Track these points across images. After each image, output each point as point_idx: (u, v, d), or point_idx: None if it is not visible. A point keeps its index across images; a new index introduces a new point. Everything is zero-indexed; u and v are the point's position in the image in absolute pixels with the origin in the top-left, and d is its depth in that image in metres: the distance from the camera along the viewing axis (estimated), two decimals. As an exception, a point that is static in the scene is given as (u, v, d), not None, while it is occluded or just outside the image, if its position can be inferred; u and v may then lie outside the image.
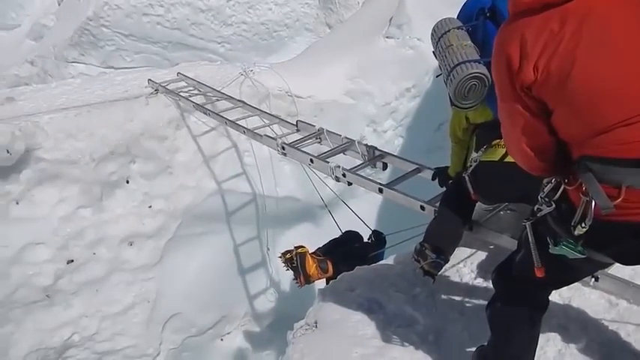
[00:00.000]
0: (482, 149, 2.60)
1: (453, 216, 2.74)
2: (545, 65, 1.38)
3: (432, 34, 2.64)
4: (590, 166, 1.40)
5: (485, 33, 2.51)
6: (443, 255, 2.66)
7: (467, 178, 2.58)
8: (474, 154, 2.66)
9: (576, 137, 1.46)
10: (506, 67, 1.46)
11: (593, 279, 2.41)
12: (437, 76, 2.67)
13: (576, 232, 1.48)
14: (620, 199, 1.38)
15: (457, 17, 2.67)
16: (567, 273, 1.78)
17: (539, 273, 1.66)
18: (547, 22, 1.38)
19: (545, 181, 1.62)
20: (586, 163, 1.41)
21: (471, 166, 2.61)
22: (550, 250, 1.58)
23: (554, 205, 1.58)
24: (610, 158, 1.38)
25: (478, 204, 2.80)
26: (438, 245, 2.67)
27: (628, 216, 1.42)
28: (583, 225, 1.46)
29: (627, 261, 1.65)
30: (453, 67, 2.41)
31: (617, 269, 2.40)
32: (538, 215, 1.64)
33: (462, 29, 2.54)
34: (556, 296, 2.47)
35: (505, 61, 1.46)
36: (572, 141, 1.48)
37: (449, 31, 2.53)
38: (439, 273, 2.73)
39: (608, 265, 1.76)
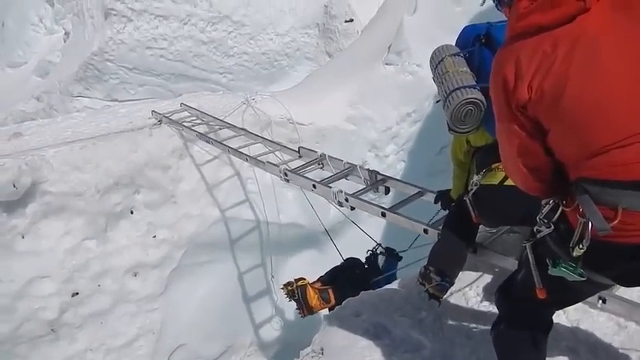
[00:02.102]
0: (482, 173, 2.61)
1: (457, 239, 2.73)
2: (539, 84, 1.41)
3: (430, 61, 2.70)
4: (587, 188, 1.41)
5: (481, 59, 2.57)
6: (448, 278, 2.64)
7: (468, 201, 2.59)
8: (474, 178, 2.67)
9: (572, 159, 1.48)
10: (502, 87, 1.49)
11: (600, 301, 2.37)
12: (436, 102, 2.72)
13: (574, 254, 1.48)
14: (616, 221, 1.38)
15: (455, 44, 2.73)
16: (568, 294, 1.77)
17: (540, 294, 1.66)
18: (540, 44, 1.41)
19: (543, 202, 1.63)
20: (583, 184, 1.42)
21: (471, 189, 2.63)
22: (549, 272, 1.58)
23: (552, 227, 1.58)
24: (605, 180, 1.39)
25: (482, 226, 2.80)
26: (442, 268, 2.65)
27: (625, 237, 1.42)
28: (581, 246, 1.46)
29: (626, 282, 1.64)
30: (449, 93, 2.46)
31: (625, 291, 2.38)
32: (537, 237, 1.64)
33: (459, 56, 2.60)
34: (564, 318, 2.44)
35: (501, 82, 1.49)
36: (568, 162, 1.50)
37: (445, 57, 2.59)
38: (445, 296, 2.72)
39: (609, 286, 1.74)
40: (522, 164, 1.59)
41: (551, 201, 1.60)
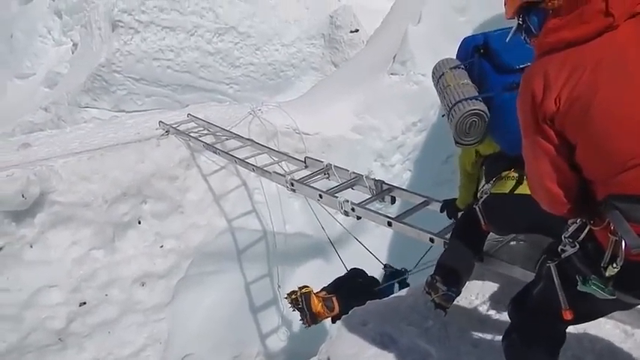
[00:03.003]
0: (492, 181, 2.62)
1: (464, 248, 2.72)
2: (568, 96, 1.42)
3: (432, 77, 2.74)
4: (617, 205, 1.38)
5: (480, 69, 2.60)
6: (454, 287, 2.63)
7: (478, 209, 2.59)
8: (485, 186, 2.68)
9: (600, 174, 1.45)
10: (530, 102, 1.50)
11: (606, 308, 2.38)
12: (442, 116, 2.74)
13: (607, 274, 1.45)
14: None
15: (456, 56, 2.78)
16: (590, 312, 1.75)
17: (567, 316, 1.61)
18: (568, 57, 1.43)
19: (570, 221, 1.59)
20: (612, 202, 1.39)
21: (481, 197, 2.62)
22: (578, 288, 1.54)
23: (578, 246, 1.55)
24: (636, 196, 1.37)
25: (489, 235, 2.80)
26: (448, 278, 2.64)
27: None
28: (614, 265, 1.42)
29: None
30: (452, 107, 2.50)
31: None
32: (562, 256, 1.60)
33: (459, 68, 2.64)
34: (570, 327, 2.43)
35: (530, 96, 1.50)
36: (597, 178, 1.47)
37: (446, 72, 2.63)
38: (451, 305, 2.71)
39: (634, 305, 1.69)
40: (549, 180, 1.55)
41: (578, 220, 1.56)
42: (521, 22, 1.68)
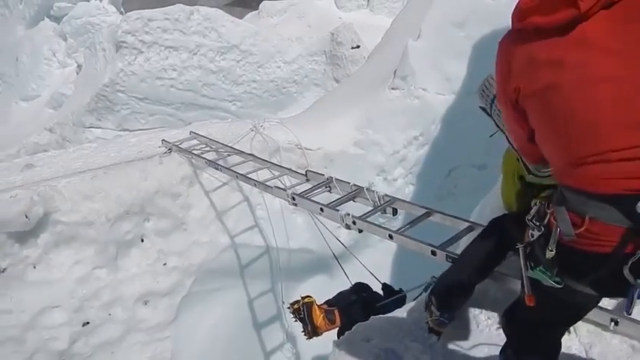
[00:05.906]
0: None
1: (472, 267, 2.58)
2: (526, 88, 1.46)
3: (483, 93, 2.45)
4: (567, 195, 1.45)
5: None
6: (447, 313, 2.56)
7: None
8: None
9: (555, 163, 1.50)
10: (501, 76, 1.57)
11: (612, 323, 2.31)
12: (490, 136, 2.44)
13: (547, 256, 1.51)
14: (582, 229, 1.41)
15: None
16: (562, 308, 1.70)
17: (529, 301, 1.64)
18: (534, 49, 1.42)
19: (532, 203, 1.67)
20: (563, 191, 1.47)
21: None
22: (527, 273, 1.61)
23: (543, 230, 1.58)
24: (583, 191, 1.40)
25: None
26: (444, 301, 2.57)
27: (592, 246, 1.43)
28: (550, 249, 1.49)
29: (602, 292, 1.61)
30: None
31: (639, 312, 2.32)
32: (531, 240, 1.63)
33: None
34: (576, 342, 2.40)
35: (500, 71, 1.56)
36: (552, 165, 1.53)
37: None
38: (455, 320, 2.67)
39: (597, 297, 1.68)
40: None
41: (537, 202, 1.64)
42: None
